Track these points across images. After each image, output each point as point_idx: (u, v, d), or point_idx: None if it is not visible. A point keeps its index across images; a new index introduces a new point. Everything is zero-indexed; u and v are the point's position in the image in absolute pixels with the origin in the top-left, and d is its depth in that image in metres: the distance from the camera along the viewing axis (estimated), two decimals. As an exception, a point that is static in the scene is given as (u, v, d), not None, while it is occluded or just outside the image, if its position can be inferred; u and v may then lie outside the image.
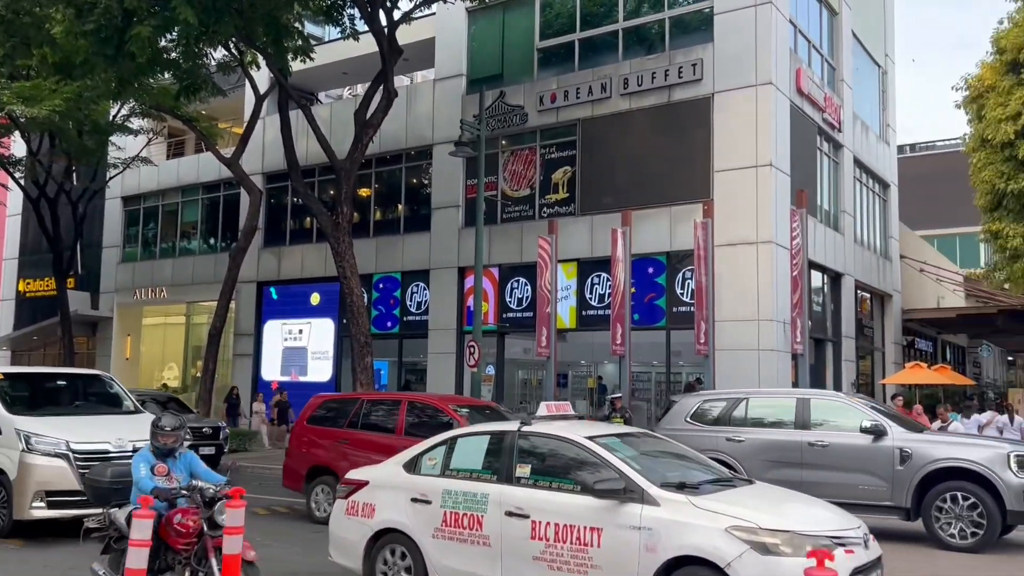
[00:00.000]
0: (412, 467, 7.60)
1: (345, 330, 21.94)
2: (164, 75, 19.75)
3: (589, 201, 20.59)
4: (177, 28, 15.76)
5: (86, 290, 32.04)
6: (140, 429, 10.82)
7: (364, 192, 24.99)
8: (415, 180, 24.48)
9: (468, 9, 22.63)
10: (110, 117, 25.70)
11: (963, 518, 10.11)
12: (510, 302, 21.71)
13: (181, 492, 6.55)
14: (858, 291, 23.48)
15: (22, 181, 27.66)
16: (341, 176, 18.79)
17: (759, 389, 15.30)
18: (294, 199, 26.21)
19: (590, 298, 20.44)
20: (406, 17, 19.44)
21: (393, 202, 25.07)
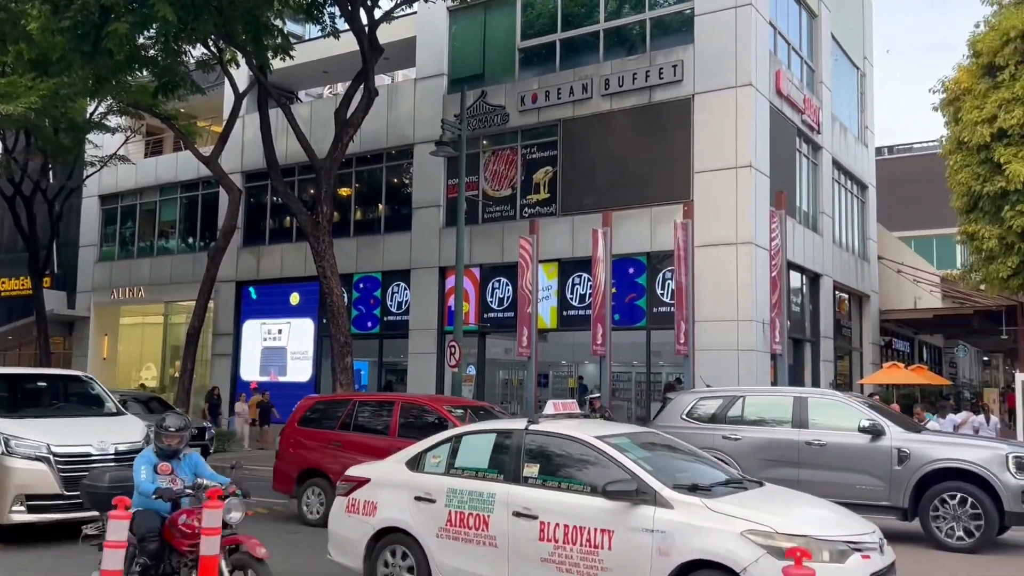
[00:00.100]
0: (415, 465, 7.44)
1: (325, 330, 21.83)
2: (142, 72, 19.58)
3: (570, 201, 20.62)
4: (155, 25, 15.60)
5: (62, 289, 31.77)
6: (122, 431, 10.73)
7: (344, 191, 24.90)
8: (396, 179, 24.41)
9: (449, 8, 22.62)
10: (87, 115, 25.50)
11: (960, 519, 10.07)
12: (491, 302, 21.70)
13: (186, 491, 6.41)
14: (836, 292, 23.65)
15: (-3, 179, 27.36)
16: (321, 175, 18.70)
17: (756, 387, 15.32)
18: (274, 198, 26.05)
19: (571, 298, 20.47)
20: (387, 16, 19.39)
21: (374, 202, 24.99)
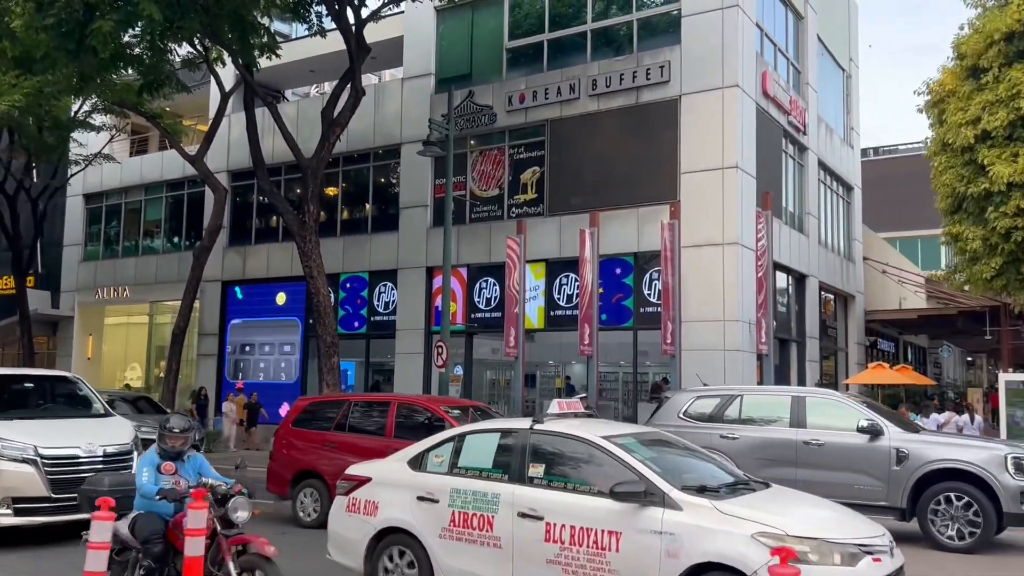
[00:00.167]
0: (417, 464, 7.35)
1: (311, 330, 21.76)
2: (127, 71, 19.44)
3: (557, 202, 20.63)
4: (140, 23, 15.48)
5: (46, 289, 31.53)
6: (110, 433, 10.61)
7: (331, 191, 24.82)
8: (383, 179, 24.36)
9: (437, 8, 22.59)
10: (72, 113, 25.33)
11: (959, 519, 10.07)
12: (478, 302, 21.68)
13: (189, 492, 6.29)
14: (822, 292, 23.76)
15: (-20, 178, 27.13)
16: (308, 175, 18.62)
17: (754, 386, 15.32)
18: (260, 198, 25.94)
19: (558, 298, 20.48)
20: (374, 15, 19.34)
21: (361, 201, 24.93)
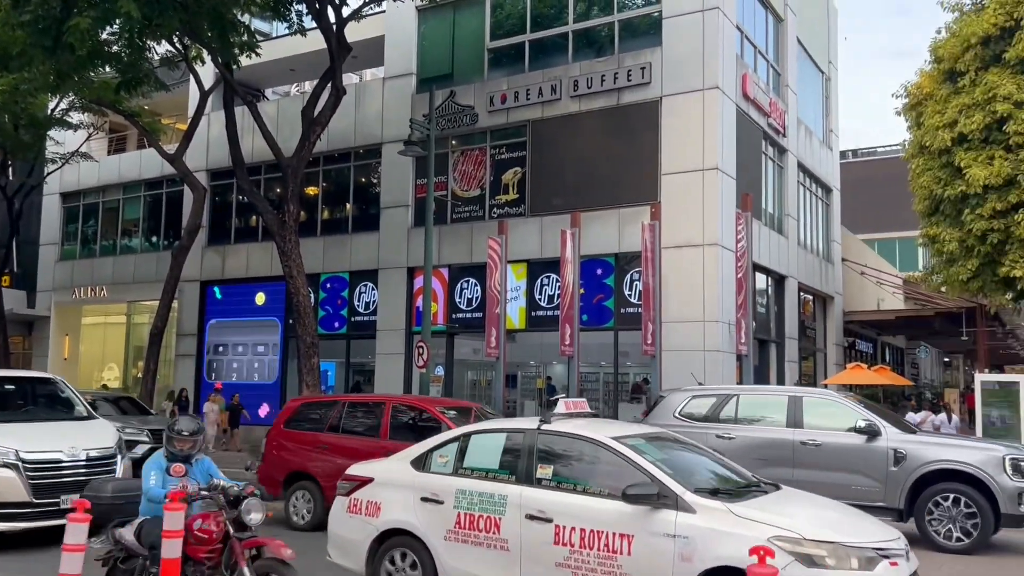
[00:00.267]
0: (421, 464, 7.21)
1: (291, 331, 21.65)
2: (105, 68, 19.25)
3: (539, 202, 20.63)
4: (119, 21, 15.35)
5: (22, 288, 31.22)
6: (94, 437, 10.41)
7: (311, 190, 24.70)
8: (364, 179, 24.27)
9: (418, 8, 22.54)
10: (48, 111, 25.07)
11: (956, 520, 10.08)
12: (459, 302, 21.65)
13: (200, 494, 6.13)
14: (801, 293, 23.92)
15: (-46, 176, 26.84)
16: (288, 174, 18.52)
17: (750, 386, 15.32)
18: (239, 197, 25.78)
19: (539, 299, 20.49)
20: (355, 14, 19.24)
21: (341, 201, 24.82)
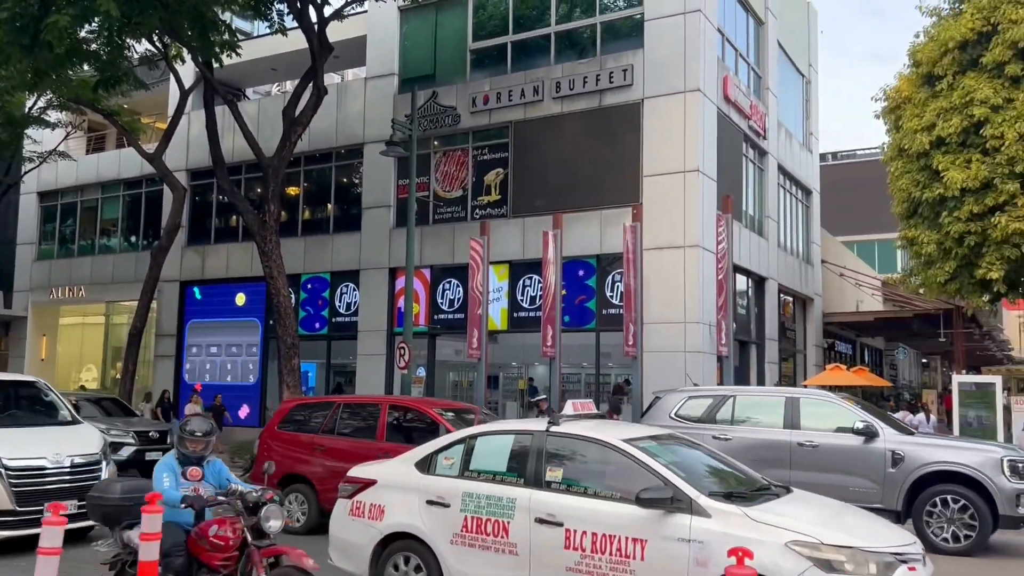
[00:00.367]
0: (426, 466, 7.07)
1: (271, 331, 21.52)
2: (83, 67, 19.08)
3: (521, 203, 20.64)
4: (97, 19, 15.21)
5: (-1, 288, 30.87)
6: (78, 442, 10.17)
7: (292, 191, 24.59)
8: (345, 179, 24.19)
9: (400, 8, 22.48)
10: (26, 109, 24.77)
11: (954, 521, 10.10)
12: (441, 303, 21.62)
13: (218, 499, 5.96)
14: (781, 295, 24.06)
15: (-71, 174, 26.50)
16: (268, 174, 18.42)
17: (747, 387, 15.31)
18: (219, 197, 25.61)
19: (521, 300, 20.50)
20: (337, 14, 19.17)
21: (322, 201, 24.71)
